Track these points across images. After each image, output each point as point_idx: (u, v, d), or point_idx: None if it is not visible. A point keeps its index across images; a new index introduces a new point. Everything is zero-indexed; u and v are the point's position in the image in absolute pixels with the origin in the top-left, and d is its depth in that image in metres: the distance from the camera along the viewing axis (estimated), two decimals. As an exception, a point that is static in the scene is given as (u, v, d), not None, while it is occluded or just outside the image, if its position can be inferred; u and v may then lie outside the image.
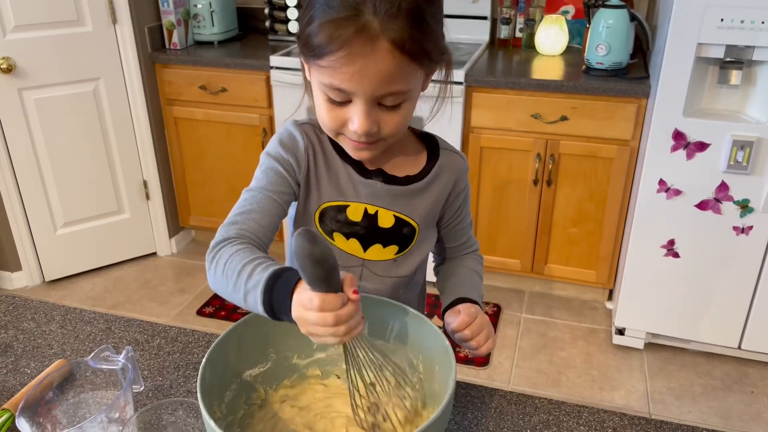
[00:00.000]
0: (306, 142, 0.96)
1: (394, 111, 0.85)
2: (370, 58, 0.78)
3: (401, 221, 0.98)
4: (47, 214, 2.75)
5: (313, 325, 0.70)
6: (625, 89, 2.22)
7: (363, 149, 0.89)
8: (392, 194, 0.97)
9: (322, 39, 0.79)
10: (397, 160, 0.99)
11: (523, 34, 2.76)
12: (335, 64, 0.79)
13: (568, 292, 2.77)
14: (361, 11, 0.77)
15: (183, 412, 0.83)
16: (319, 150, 0.96)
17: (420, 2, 0.79)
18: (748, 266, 2.14)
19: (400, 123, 0.87)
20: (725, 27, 1.89)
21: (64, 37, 2.56)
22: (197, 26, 2.87)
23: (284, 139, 0.97)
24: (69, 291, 2.82)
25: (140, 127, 2.84)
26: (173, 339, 1.09)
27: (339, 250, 0.99)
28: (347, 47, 0.77)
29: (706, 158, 2.04)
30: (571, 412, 0.93)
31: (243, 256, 0.82)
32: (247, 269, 0.79)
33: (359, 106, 0.83)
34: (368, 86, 0.80)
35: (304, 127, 0.97)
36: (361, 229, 0.97)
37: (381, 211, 0.97)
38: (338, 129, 0.87)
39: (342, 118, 0.85)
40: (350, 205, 0.96)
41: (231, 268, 0.81)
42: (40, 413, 0.84)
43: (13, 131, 2.57)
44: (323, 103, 0.86)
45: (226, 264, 0.82)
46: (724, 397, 2.20)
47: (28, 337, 1.11)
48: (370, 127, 0.84)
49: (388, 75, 0.79)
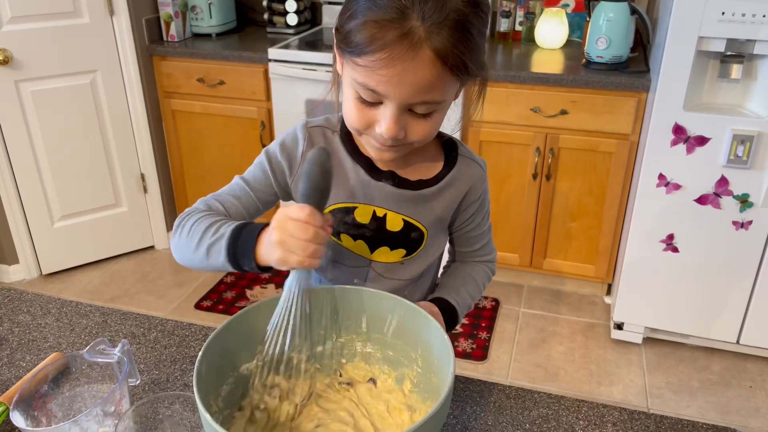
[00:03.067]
0: (306, 146, 0.95)
1: (424, 119, 0.83)
2: (409, 65, 0.75)
3: (410, 225, 0.97)
4: (44, 207, 2.74)
5: (289, 235, 0.73)
6: (625, 83, 2.21)
7: (386, 151, 0.87)
8: (402, 198, 0.95)
9: (363, 37, 0.76)
10: (412, 162, 0.96)
11: (522, 28, 2.75)
12: (373, 65, 0.76)
13: (567, 286, 2.77)
14: (407, 15, 0.74)
15: (179, 405, 0.82)
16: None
17: (469, 15, 0.77)
18: (748, 261, 2.14)
19: (428, 131, 0.85)
20: (726, 20, 1.88)
21: (61, 29, 2.54)
22: (195, 18, 2.85)
23: (286, 140, 0.97)
24: (66, 284, 2.81)
25: (138, 120, 2.82)
26: (170, 332, 1.09)
27: (346, 250, 0.98)
28: (388, 50, 0.75)
29: (706, 153, 2.04)
30: (571, 406, 0.92)
31: (211, 218, 0.86)
32: (214, 226, 0.83)
33: (390, 110, 0.80)
34: (403, 92, 0.78)
35: (312, 130, 0.96)
36: (369, 231, 0.96)
37: (390, 214, 0.95)
38: (364, 129, 0.85)
39: (370, 119, 0.83)
40: (358, 207, 0.95)
41: (197, 228, 0.85)
42: (35, 406, 0.83)
43: (9, 124, 2.55)
44: (353, 101, 0.84)
45: (194, 225, 0.85)
46: (722, 392, 2.20)
47: (23, 330, 1.10)
48: (397, 133, 0.82)
49: (425, 84, 0.77)
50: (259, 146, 2.75)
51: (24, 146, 2.61)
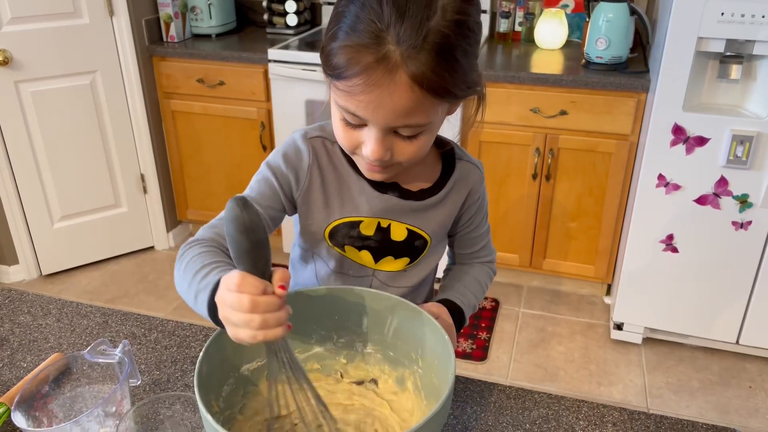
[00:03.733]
0: (311, 158, 0.92)
1: (410, 140, 0.81)
2: (386, 90, 0.73)
3: (414, 234, 0.96)
4: (44, 207, 2.74)
5: (228, 308, 0.66)
6: (625, 83, 2.22)
7: (376, 172, 0.86)
8: (407, 208, 0.95)
9: (340, 61, 0.74)
10: (413, 172, 0.95)
11: (522, 28, 2.75)
12: (351, 90, 0.75)
13: (567, 286, 2.77)
14: (383, 39, 0.72)
15: (180, 406, 0.82)
16: (328, 165, 0.93)
17: (450, 37, 0.73)
18: (747, 261, 2.14)
19: (415, 152, 0.83)
20: (725, 21, 1.88)
21: (61, 30, 2.54)
22: (195, 19, 2.85)
23: (289, 152, 0.92)
24: (66, 285, 2.81)
25: (137, 121, 2.82)
26: (170, 333, 1.09)
27: (350, 260, 0.98)
28: (365, 75, 0.73)
29: (706, 153, 2.04)
30: (571, 406, 0.93)
31: (206, 258, 0.79)
32: (204, 270, 0.76)
33: (373, 132, 0.79)
34: (383, 117, 0.76)
35: (313, 141, 0.93)
36: (374, 242, 0.96)
37: (394, 224, 0.95)
38: (352, 149, 0.84)
39: (356, 140, 0.82)
40: (363, 220, 0.94)
41: (191, 267, 0.78)
42: (36, 407, 0.83)
43: (9, 124, 2.55)
44: (339, 122, 0.83)
45: (188, 263, 0.80)
46: (722, 392, 2.21)
47: (24, 330, 1.10)
48: (382, 155, 0.80)
49: (404, 108, 0.75)
50: (258, 147, 2.75)
51: (24, 147, 2.61)
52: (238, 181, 2.85)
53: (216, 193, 2.95)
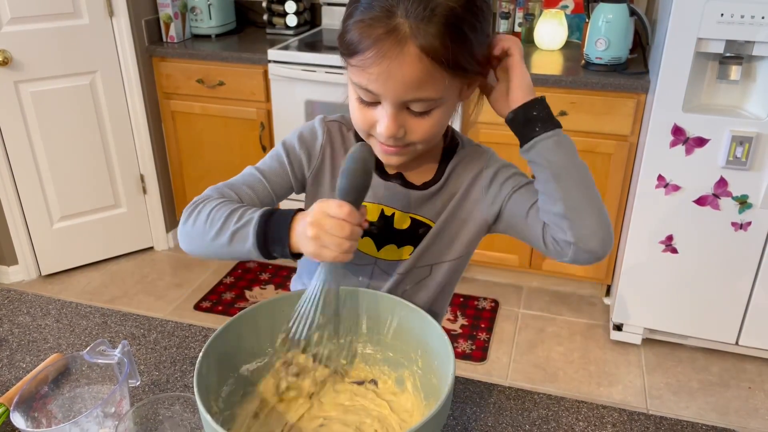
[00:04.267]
0: (325, 139, 0.96)
1: (423, 117, 0.83)
2: (396, 61, 0.76)
3: (417, 222, 0.97)
4: (44, 207, 2.74)
5: (325, 232, 0.75)
6: (625, 84, 2.22)
7: (392, 154, 0.87)
8: (410, 197, 0.96)
9: (353, 37, 0.78)
10: (419, 163, 0.96)
11: (522, 29, 2.75)
12: (363, 64, 0.78)
13: (566, 287, 2.77)
14: (393, 12, 0.76)
15: (179, 406, 0.82)
16: (340, 148, 0.96)
17: (458, 10, 0.77)
18: (747, 262, 2.14)
19: (429, 131, 0.85)
20: (725, 22, 1.88)
21: (61, 30, 2.54)
22: (195, 19, 2.85)
23: (305, 132, 0.97)
24: (65, 285, 2.81)
25: (137, 121, 2.82)
26: (170, 333, 1.09)
27: None
28: (375, 47, 0.76)
29: (705, 154, 2.04)
30: (571, 407, 0.93)
31: (231, 204, 0.85)
32: (238, 212, 0.82)
33: (386, 108, 0.81)
34: (394, 90, 0.79)
35: (330, 125, 0.97)
36: (376, 229, 0.96)
37: (398, 213, 0.96)
38: (368, 130, 0.86)
39: (371, 119, 0.84)
40: (367, 205, 0.95)
41: (217, 214, 0.83)
42: (35, 408, 0.83)
43: (9, 124, 2.55)
44: (355, 102, 0.86)
45: (212, 211, 0.84)
46: (721, 393, 2.21)
47: (23, 331, 1.10)
48: (395, 132, 0.82)
49: (415, 80, 0.78)
50: (258, 147, 2.75)
51: (23, 147, 2.61)
52: (238, 181, 2.84)
53: (215, 193, 2.94)
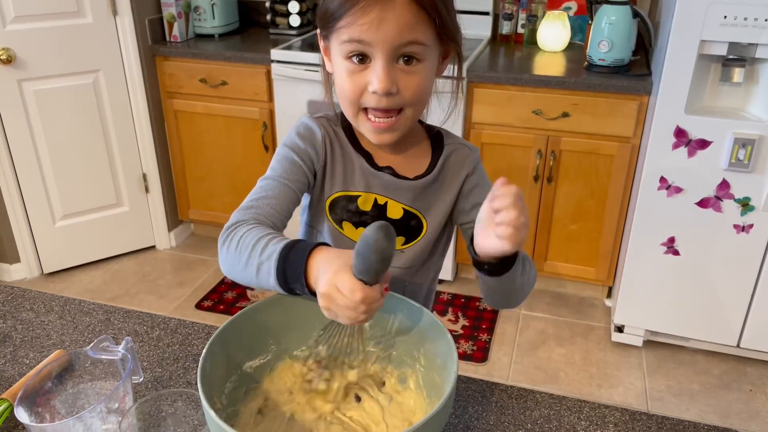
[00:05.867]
0: (323, 132, 0.97)
1: (412, 72, 0.86)
2: (387, 6, 0.81)
3: (409, 213, 0.99)
4: (46, 206, 2.74)
5: (341, 307, 0.72)
6: (627, 86, 2.22)
7: (384, 129, 0.89)
8: (401, 187, 0.98)
9: (337, 1, 0.83)
10: (407, 157, 0.99)
11: (525, 30, 2.75)
12: (353, 19, 0.82)
13: (568, 289, 2.77)
14: None
15: (182, 403, 0.83)
16: (335, 140, 0.98)
17: None
18: (748, 264, 2.14)
19: (419, 87, 0.88)
20: (728, 24, 1.88)
21: (64, 29, 2.54)
22: (198, 19, 2.86)
23: (302, 130, 0.98)
24: (67, 283, 2.81)
25: (140, 120, 2.83)
26: (173, 330, 1.09)
27: (347, 238, 0.99)
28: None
29: (708, 156, 2.04)
30: (573, 407, 0.93)
31: (257, 232, 0.84)
32: (261, 242, 0.81)
33: (378, 61, 0.84)
34: (386, 33, 0.82)
35: (320, 120, 0.99)
36: (370, 218, 0.98)
37: (390, 202, 0.98)
38: (359, 97, 0.88)
39: (362, 84, 0.87)
40: (361, 195, 0.98)
41: (245, 243, 0.83)
42: (38, 403, 0.84)
43: (12, 123, 2.56)
44: (344, 72, 0.87)
45: (240, 240, 0.84)
46: (722, 396, 2.20)
47: (26, 327, 1.10)
48: (388, 85, 0.85)
49: (406, 23, 0.82)
50: (260, 147, 2.75)
51: (26, 145, 2.61)
52: (240, 181, 2.85)
53: (218, 193, 2.95)
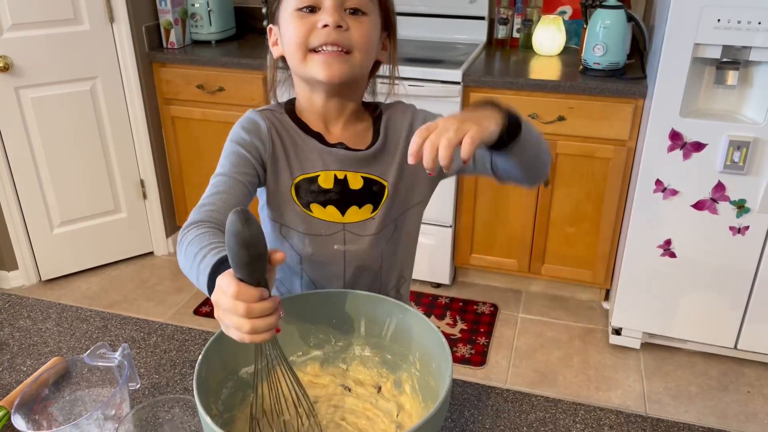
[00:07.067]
0: (268, 123, 1.00)
1: (359, 21, 0.93)
2: None
3: (369, 180, 1.02)
4: (44, 213, 2.74)
5: (223, 311, 0.69)
6: (622, 89, 2.23)
7: (335, 59, 0.92)
8: (355, 159, 1.01)
9: None
10: (355, 132, 1.03)
11: (520, 35, 2.77)
12: None
13: (565, 291, 2.78)
14: None
15: (179, 409, 0.83)
16: (282, 129, 1.01)
17: None
18: (745, 266, 2.15)
19: (367, 33, 0.94)
20: (722, 27, 1.89)
21: (62, 36, 2.55)
22: (195, 25, 2.86)
23: (246, 124, 1.01)
24: (65, 290, 2.81)
25: (137, 126, 2.83)
26: (170, 337, 1.09)
27: (319, 220, 1.01)
28: None
29: (703, 158, 2.05)
30: (568, 410, 0.93)
31: (203, 239, 0.84)
32: (202, 252, 0.81)
33: (327, 3, 0.91)
34: None
35: (264, 113, 1.02)
36: (335, 194, 1.01)
37: (349, 174, 1.01)
38: (307, 35, 0.92)
39: (311, 23, 0.92)
40: (320, 174, 1.00)
41: (191, 250, 0.84)
42: (36, 410, 0.84)
43: (9, 130, 2.56)
44: (293, 22, 0.93)
45: (189, 245, 0.85)
46: (720, 397, 2.21)
47: (23, 334, 1.10)
48: (339, 18, 0.91)
49: None
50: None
51: (24, 152, 2.62)
52: (238, 186, 2.85)
53: (215, 198, 2.95)
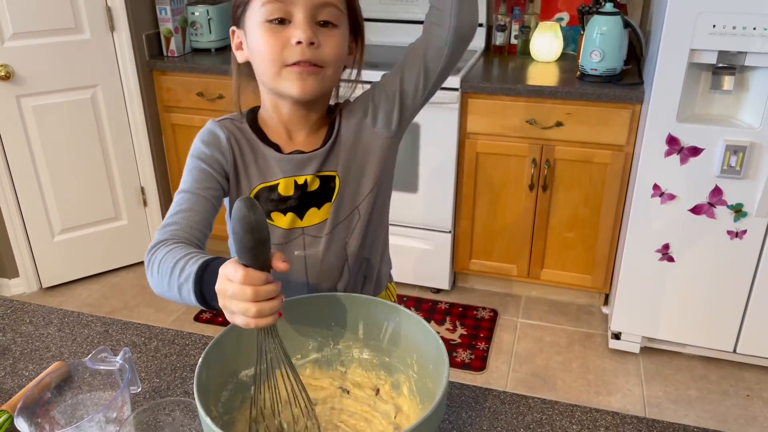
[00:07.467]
0: (227, 133, 1.00)
1: (330, 34, 0.92)
2: None
3: (325, 178, 1.02)
4: (45, 220, 2.76)
5: (230, 298, 0.71)
6: (619, 95, 2.24)
7: (307, 75, 0.92)
8: (313, 159, 1.01)
9: None
10: (313, 136, 1.03)
11: (518, 41, 2.79)
12: None
13: (565, 296, 2.78)
14: None
15: (180, 412, 0.84)
16: (242, 138, 1.01)
17: None
18: (743, 270, 2.16)
19: (338, 47, 0.94)
20: (717, 33, 1.91)
21: (63, 45, 2.57)
22: (194, 34, 2.88)
23: (206, 137, 1.00)
24: (66, 297, 2.82)
25: (138, 134, 2.85)
26: (170, 341, 1.10)
27: (280, 228, 1.02)
28: None
29: (700, 163, 2.06)
30: (564, 411, 0.94)
31: (175, 253, 0.84)
32: (179, 264, 0.82)
33: (299, 17, 0.90)
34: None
35: (224, 122, 1.02)
36: (295, 201, 1.01)
37: (308, 177, 1.01)
38: (280, 52, 0.91)
39: (284, 38, 0.91)
40: (280, 182, 1.00)
41: (165, 266, 0.84)
42: (38, 413, 0.85)
43: (10, 138, 2.58)
44: (264, 34, 0.91)
45: (161, 263, 0.85)
46: (720, 401, 2.21)
47: (26, 340, 1.11)
48: (312, 35, 0.90)
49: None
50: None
51: (25, 160, 2.63)
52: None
53: (215, 205, 2.96)
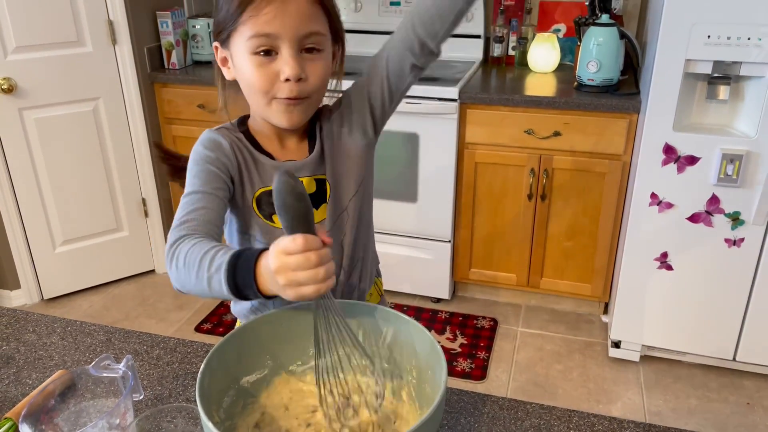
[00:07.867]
0: (228, 140, 1.02)
1: (315, 60, 0.94)
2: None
3: (319, 181, 1.05)
4: (46, 232, 2.77)
5: (294, 271, 0.72)
6: (616, 105, 2.26)
7: (294, 107, 0.95)
8: (306, 165, 1.04)
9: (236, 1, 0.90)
10: (301, 147, 1.06)
11: (515, 52, 2.81)
12: (256, 12, 0.89)
13: (564, 305, 2.79)
14: None
15: (182, 418, 0.85)
16: (241, 145, 1.03)
17: None
18: (741, 278, 2.17)
19: (323, 73, 0.96)
20: (712, 43, 1.93)
21: (65, 58, 2.60)
22: (196, 46, 2.91)
23: (207, 144, 1.01)
24: (67, 309, 2.83)
25: (139, 146, 2.87)
26: (172, 349, 1.11)
27: (279, 230, 1.02)
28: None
29: (697, 172, 2.08)
30: (562, 416, 0.95)
31: (201, 246, 0.84)
32: (208, 255, 0.82)
33: (286, 50, 0.91)
34: (291, 24, 0.90)
35: (221, 131, 1.04)
36: None
37: (304, 180, 1.03)
38: (270, 87, 0.93)
39: (272, 74, 0.93)
40: None
41: (192, 259, 0.84)
42: (42, 420, 0.86)
43: (13, 150, 2.60)
44: (252, 67, 0.93)
45: (186, 256, 0.84)
46: (720, 409, 2.22)
47: (29, 348, 1.12)
48: (299, 70, 0.92)
49: (305, 13, 0.91)
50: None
51: (27, 172, 2.65)
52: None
53: (216, 216, 2.98)
